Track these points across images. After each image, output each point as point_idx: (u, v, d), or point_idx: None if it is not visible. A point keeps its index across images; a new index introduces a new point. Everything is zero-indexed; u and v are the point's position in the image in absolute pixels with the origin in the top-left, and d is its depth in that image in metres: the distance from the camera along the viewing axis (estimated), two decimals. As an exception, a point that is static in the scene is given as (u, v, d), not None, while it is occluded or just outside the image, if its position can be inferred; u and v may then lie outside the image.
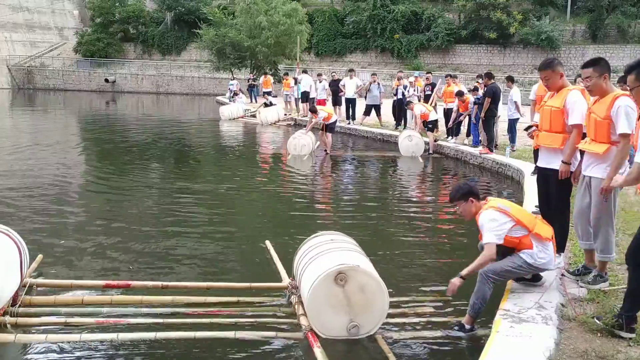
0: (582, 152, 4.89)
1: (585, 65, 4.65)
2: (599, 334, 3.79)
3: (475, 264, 4.26)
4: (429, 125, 13.85)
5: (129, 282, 5.10)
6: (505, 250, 4.39)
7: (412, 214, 8.39)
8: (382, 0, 41.72)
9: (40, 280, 5.13)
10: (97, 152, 14.58)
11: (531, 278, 4.68)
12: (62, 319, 4.37)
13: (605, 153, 4.50)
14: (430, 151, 13.78)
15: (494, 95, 12.13)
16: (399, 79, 17.81)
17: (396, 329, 4.46)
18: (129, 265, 5.84)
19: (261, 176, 11.74)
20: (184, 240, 6.77)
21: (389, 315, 4.52)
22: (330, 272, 4.16)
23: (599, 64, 4.57)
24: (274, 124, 20.73)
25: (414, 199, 9.78)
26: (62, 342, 4.05)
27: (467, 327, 4.31)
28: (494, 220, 4.25)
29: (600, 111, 4.51)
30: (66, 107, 31.70)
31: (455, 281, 4.29)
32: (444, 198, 10.04)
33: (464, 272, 4.28)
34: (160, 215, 8.01)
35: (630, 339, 3.71)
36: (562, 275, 4.87)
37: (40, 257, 5.70)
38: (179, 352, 4.04)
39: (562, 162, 4.99)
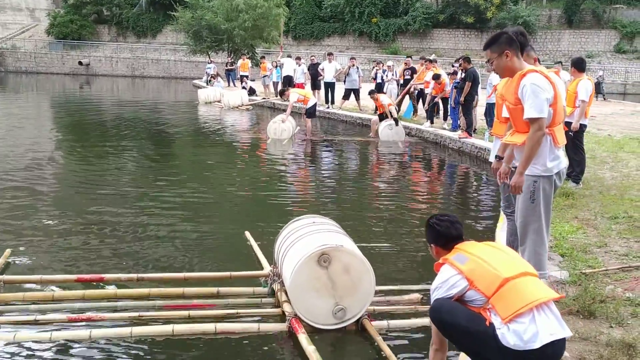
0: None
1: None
2: (581, 316, 3.85)
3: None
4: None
5: (102, 276, 4.84)
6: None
7: (393, 199, 8.41)
8: (360, -17, 41.61)
9: (6, 276, 4.82)
10: (68, 138, 14.17)
11: None
12: (32, 317, 4.12)
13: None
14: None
15: (473, 80, 12.16)
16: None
17: (387, 317, 4.29)
18: (101, 253, 5.62)
19: (240, 161, 11.64)
20: (160, 230, 6.47)
21: (377, 304, 4.41)
22: (313, 253, 3.97)
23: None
24: (237, 107, 20.62)
25: (395, 184, 9.79)
26: (32, 341, 3.82)
27: None
28: (439, 287, 2.94)
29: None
30: (38, 90, 30.98)
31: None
32: (425, 184, 10.10)
33: None
34: (134, 204, 7.67)
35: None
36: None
37: (8, 251, 5.37)
38: (157, 348, 3.88)
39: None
